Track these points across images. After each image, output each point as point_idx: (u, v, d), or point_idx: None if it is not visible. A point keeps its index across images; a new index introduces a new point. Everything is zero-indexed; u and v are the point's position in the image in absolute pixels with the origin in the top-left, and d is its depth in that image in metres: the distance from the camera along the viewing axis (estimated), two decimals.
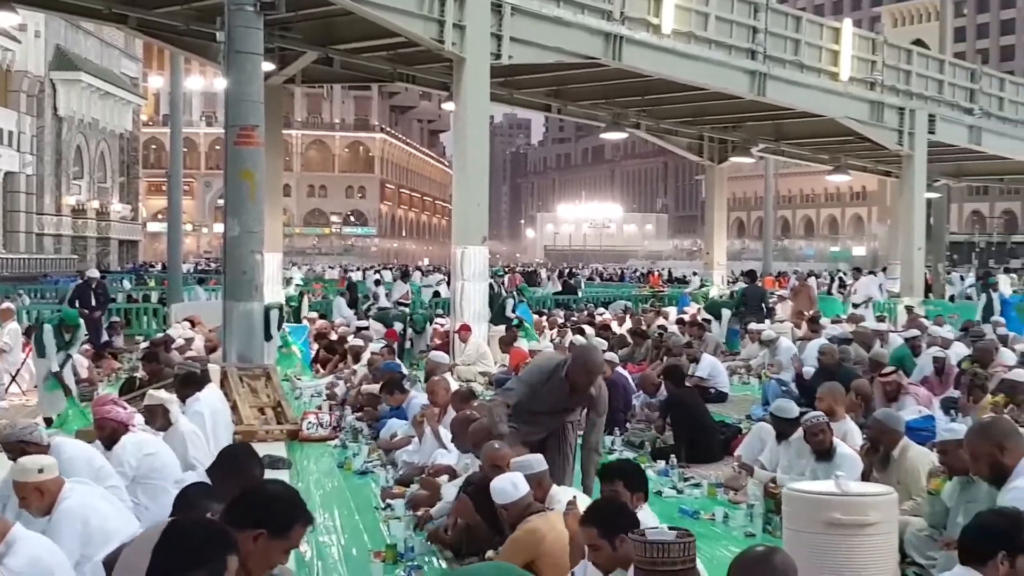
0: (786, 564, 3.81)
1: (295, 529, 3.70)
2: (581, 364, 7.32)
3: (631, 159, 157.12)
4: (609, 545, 4.59)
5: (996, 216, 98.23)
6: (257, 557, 3.58)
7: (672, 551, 4.01)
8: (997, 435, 5.07)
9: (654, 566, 4.02)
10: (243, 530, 3.57)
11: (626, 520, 4.67)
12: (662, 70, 21.52)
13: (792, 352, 16.90)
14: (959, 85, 28.25)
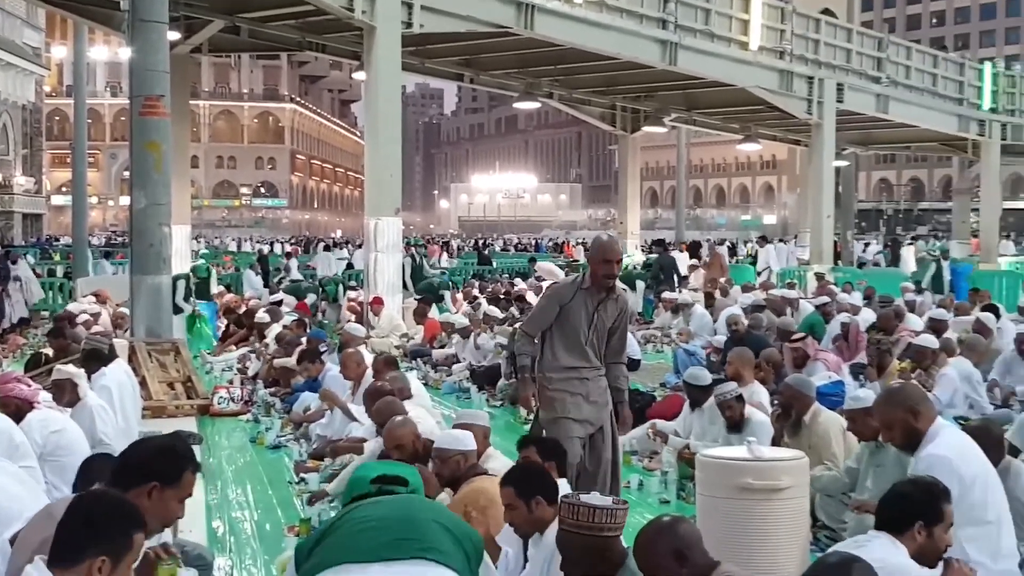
0: (689, 533, 3.83)
1: (185, 476, 3.78)
2: (598, 248, 6.80)
3: (545, 129, 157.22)
4: (525, 506, 4.64)
5: (903, 184, 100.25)
6: (154, 511, 3.60)
7: (597, 516, 3.97)
8: (908, 401, 5.10)
9: (579, 529, 3.99)
10: (135, 487, 3.63)
11: (544, 483, 4.74)
12: (574, 39, 21.50)
13: (706, 319, 17.08)
14: (867, 54, 28.62)
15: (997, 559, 4.92)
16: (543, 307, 6.91)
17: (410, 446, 6.33)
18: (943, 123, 31.64)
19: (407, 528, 3.38)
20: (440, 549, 3.29)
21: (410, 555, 3.24)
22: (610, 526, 3.97)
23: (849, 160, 38.07)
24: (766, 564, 4.87)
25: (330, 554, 3.27)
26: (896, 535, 4.12)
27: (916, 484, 4.35)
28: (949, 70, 31.85)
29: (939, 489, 4.27)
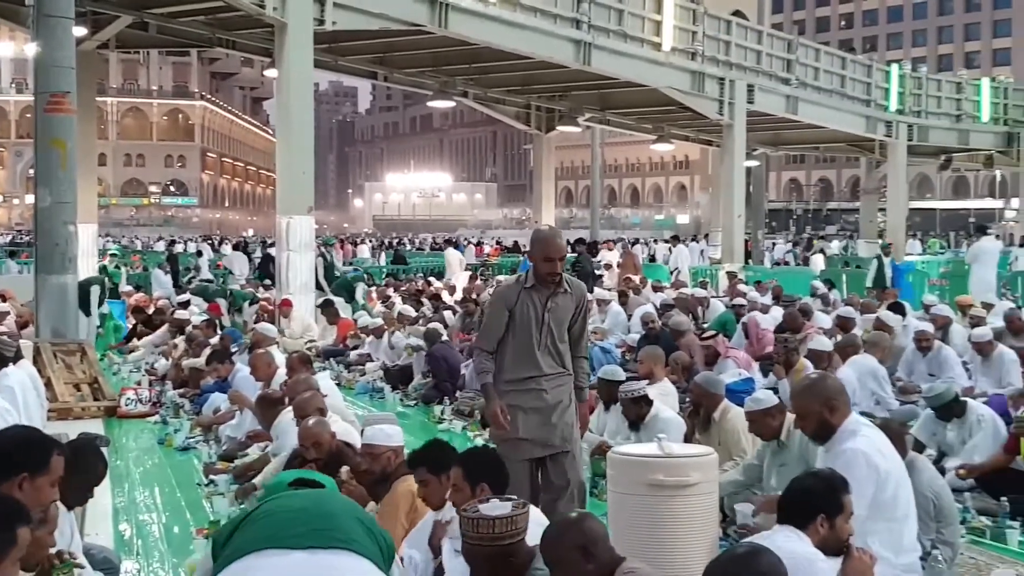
0: (594, 529, 3.86)
1: (53, 460, 3.81)
2: (538, 245, 6.11)
3: (460, 128, 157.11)
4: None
5: (812, 184, 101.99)
6: (29, 500, 3.60)
7: (498, 526, 3.93)
8: (825, 394, 5.19)
9: (481, 541, 3.95)
10: (5, 481, 3.66)
11: (493, 470, 4.86)
12: (488, 38, 21.51)
13: (620, 317, 17.18)
14: (776, 56, 29.04)
15: (900, 553, 5.03)
16: (491, 315, 6.30)
17: (327, 444, 6.29)
18: (851, 124, 32.21)
19: (326, 519, 3.33)
20: (360, 542, 3.28)
21: (331, 544, 3.22)
22: (511, 533, 3.95)
23: (760, 160, 38.62)
24: (676, 559, 4.91)
25: (249, 541, 3.23)
26: (800, 528, 4.20)
27: (816, 477, 4.43)
28: (857, 72, 32.44)
29: (838, 481, 4.37)
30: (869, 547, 4.73)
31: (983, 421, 8.01)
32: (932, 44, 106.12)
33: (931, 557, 5.15)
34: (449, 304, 18.38)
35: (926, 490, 5.66)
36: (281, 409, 7.85)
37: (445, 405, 11.41)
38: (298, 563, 3.11)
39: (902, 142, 33.23)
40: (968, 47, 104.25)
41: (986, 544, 6.67)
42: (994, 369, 10.78)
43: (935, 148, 36.57)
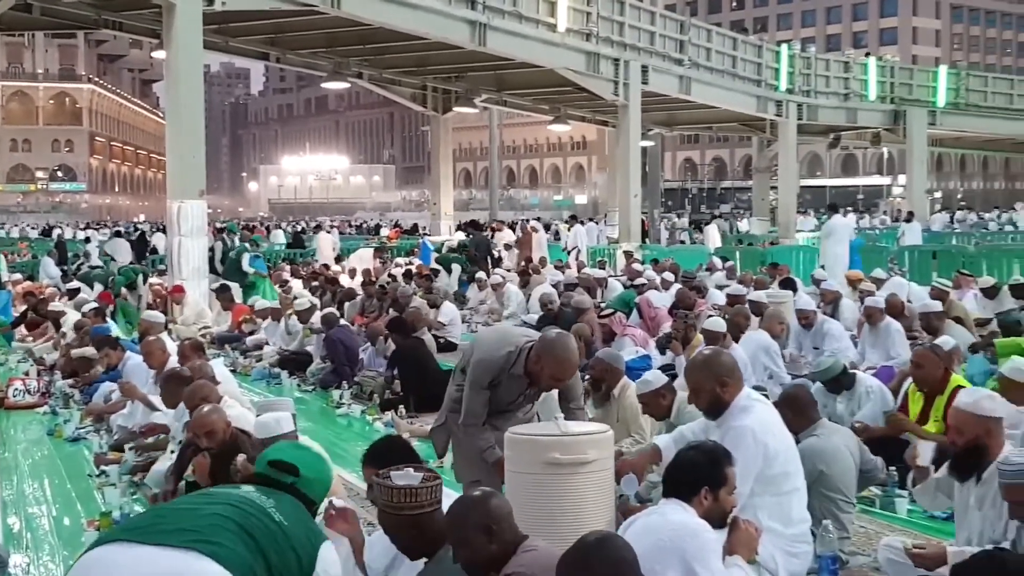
0: (499, 507, 3.86)
1: None
2: (552, 361, 5.61)
3: (356, 110, 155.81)
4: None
5: (707, 163, 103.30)
6: None
7: (396, 495, 3.93)
8: (718, 370, 5.26)
9: (388, 508, 3.96)
10: None
11: (404, 454, 4.74)
12: (382, 18, 21.34)
13: (519, 298, 17.23)
14: (670, 36, 29.29)
15: (789, 525, 5.14)
16: (472, 397, 5.93)
17: (221, 433, 6.17)
18: (743, 104, 32.67)
19: (192, 519, 3.31)
20: (222, 544, 3.22)
21: (185, 544, 3.17)
22: (412, 504, 3.93)
23: (655, 140, 38.98)
24: (574, 537, 4.92)
25: (112, 531, 3.20)
26: (684, 500, 4.28)
27: (699, 450, 4.49)
28: (748, 52, 32.87)
29: (721, 453, 4.44)
30: (758, 520, 4.82)
31: (872, 392, 8.19)
32: (821, 24, 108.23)
33: (822, 527, 5.25)
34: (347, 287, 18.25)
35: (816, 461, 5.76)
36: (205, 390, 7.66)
37: (344, 389, 11.32)
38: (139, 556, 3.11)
39: (792, 121, 33.79)
40: (856, 27, 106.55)
41: (875, 513, 6.83)
42: (882, 340, 11.04)
43: (824, 127, 37.28)
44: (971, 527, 4.98)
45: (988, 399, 5.00)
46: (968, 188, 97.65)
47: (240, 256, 19.99)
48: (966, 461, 4.97)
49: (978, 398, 4.98)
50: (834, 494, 5.80)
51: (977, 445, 4.91)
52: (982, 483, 4.93)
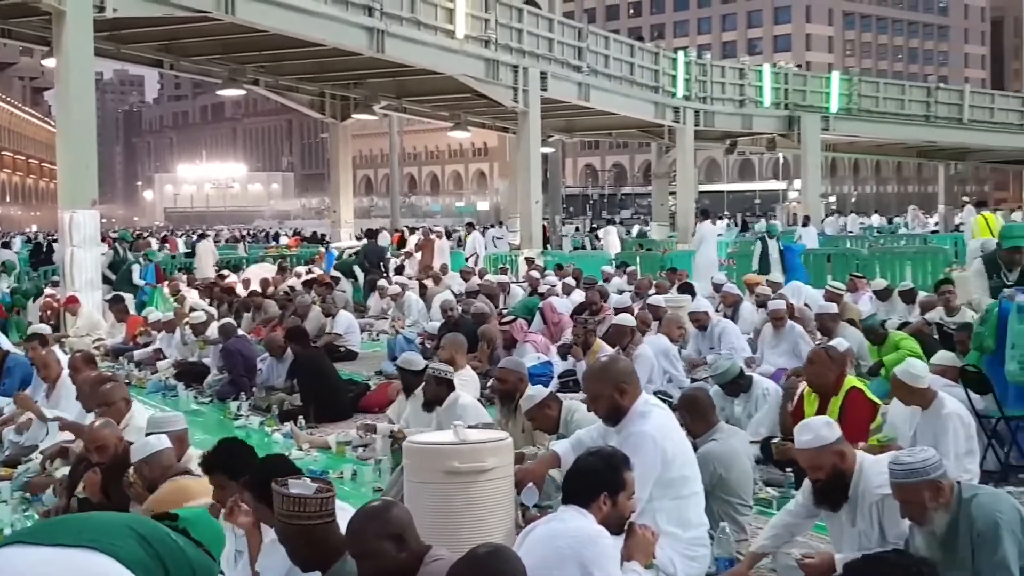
0: (401, 516, 3.81)
1: None
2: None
3: (253, 117, 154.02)
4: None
5: (607, 169, 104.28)
6: None
7: (287, 503, 3.91)
8: (616, 377, 5.27)
9: (290, 519, 3.92)
10: None
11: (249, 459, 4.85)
12: (278, 25, 21.13)
13: (420, 305, 17.14)
14: (568, 43, 29.47)
15: (687, 528, 5.19)
16: None
17: (112, 448, 6.03)
18: (641, 110, 33.01)
19: (89, 523, 3.29)
20: (120, 545, 3.19)
21: (80, 544, 3.14)
22: (303, 514, 3.89)
23: (555, 147, 39.19)
24: (475, 543, 4.90)
25: (9, 537, 3.17)
26: (583, 506, 4.29)
27: (598, 456, 4.50)
28: (645, 59, 33.25)
29: (620, 459, 4.45)
30: (657, 524, 4.85)
31: (768, 395, 8.32)
32: (716, 31, 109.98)
33: (719, 529, 5.30)
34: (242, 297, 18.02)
35: (715, 465, 5.82)
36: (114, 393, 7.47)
37: (241, 401, 11.13)
38: (34, 557, 3.07)
39: (689, 127, 34.23)
40: (751, 34, 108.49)
41: (772, 514, 6.90)
42: (784, 343, 11.22)
43: (721, 132, 37.85)
44: (850, 545, 5.06)
45: (825, 427, 5.05)
46: (862, 192, 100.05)
47: (131, 269, 19.62)
48: (833, 492, 5.02)
49: (816, 432, 4.99)
50: (732, 498, 5.87)
51: (836, 473, 4.98)
52: (850, 501, 5.02)
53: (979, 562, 4.46)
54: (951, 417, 6.62)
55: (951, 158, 48.26)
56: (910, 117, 39.25)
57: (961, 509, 4.52)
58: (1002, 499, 4.65)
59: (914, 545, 4.74)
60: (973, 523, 4.47)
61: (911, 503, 4.55)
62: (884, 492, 4.84)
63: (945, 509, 4.52)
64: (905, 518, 4.70)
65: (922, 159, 50.95)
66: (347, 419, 10.40)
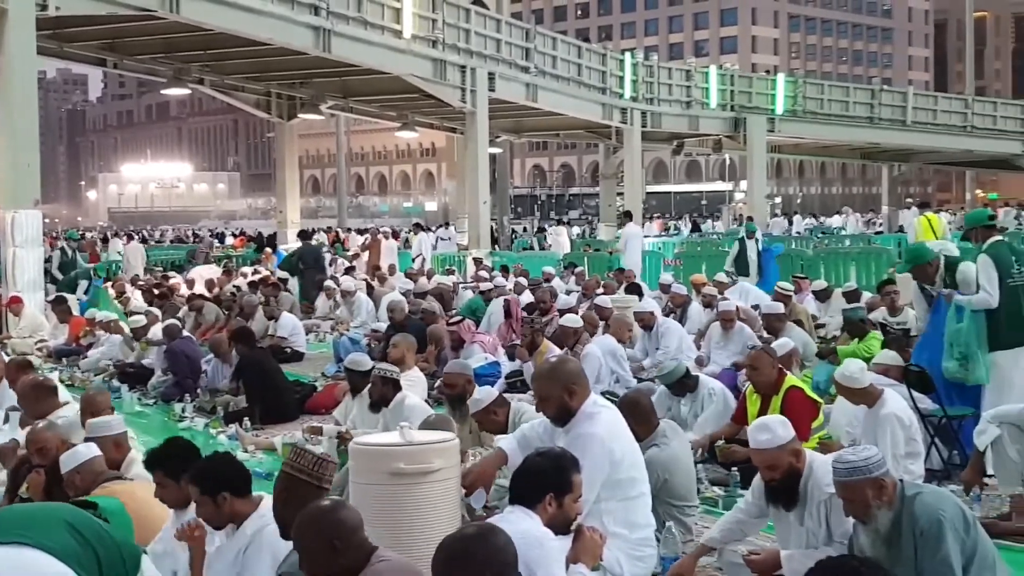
0: (348, 519, 3.78)
1: None
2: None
3: (199, 116, 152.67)
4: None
5: (555, 170, 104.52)
6: None
7: (327, 468, 4.41)
8: (565, 378, 5.26)
9: (313, 478, 4.38)
10: None
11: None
12: (223, 24, 20.94)
13: (369, 307, 17.08)
14: (516, 44, 29.47)
15: (634, 529, 5.20)
16: None
17: (54, 450, 5.95)
18: (588, 111, 33.10)
19: (21, 517, 3.40)
20: (50, 537, 3.24)
21: (9, 541, 3.19)
22: (298, 466, 4.32)
23: (503, 147, 39.20)
24: (420, 546, 4.88)
25: None
26: (529, 508, 4.28)
27: (546, 457, 4.50)
28: (592, 60, 33.33)
29: (568, 460, 4.45)
30: (605, 525, 4.86)
31: (714, 395, 8.38)
32: (664, 33, 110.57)
33: (666, 529, 5.32)
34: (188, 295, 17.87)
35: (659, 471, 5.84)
36: (55, 400, 7.38)
37: (186, 402, 11.04)
38: None
39: (636, 128, 34.36)
40: (697, 36, 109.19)
41: (718, 513, 6.94)
42: (732, 343, 11.30)
43: (668, 134, 38.04)
44: (797, 543, 5.11)
45: (780, 426, 5.09)
46: (807, 193, 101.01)
47: (76, 281, 19.43)
48: (788, 491, 5.06)
49: (772, 432, 5.03)
50: (677, 500, 5.91)
51: (792, 472, 5.03)
52: (799, 499, 5.06)
53: (922, 560, 4.50)
54: (889, 418, 6.71)
55: (895, 159, 48.85)
56: (854, 119, 39.65)
57: (904, 507, 4.56)
58: (945, 498, 4.70)
59: (858, 543, 4.78)
60: (916, 521, 4.51)
61: (854, 501, 4.59)
62: (832, 491, 4.89)
63: (888, 507, 4.56)
64: (849, 516, 4.74)
65: (866, 160, 51.53)
66: (293, 421, 10.34)
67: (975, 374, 7.80)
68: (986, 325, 7.83)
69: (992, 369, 7.84)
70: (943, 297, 8.22)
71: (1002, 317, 7.81)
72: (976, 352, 7.79)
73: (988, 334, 7.84)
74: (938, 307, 8.32)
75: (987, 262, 7.86)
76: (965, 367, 7.81)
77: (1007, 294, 7.81)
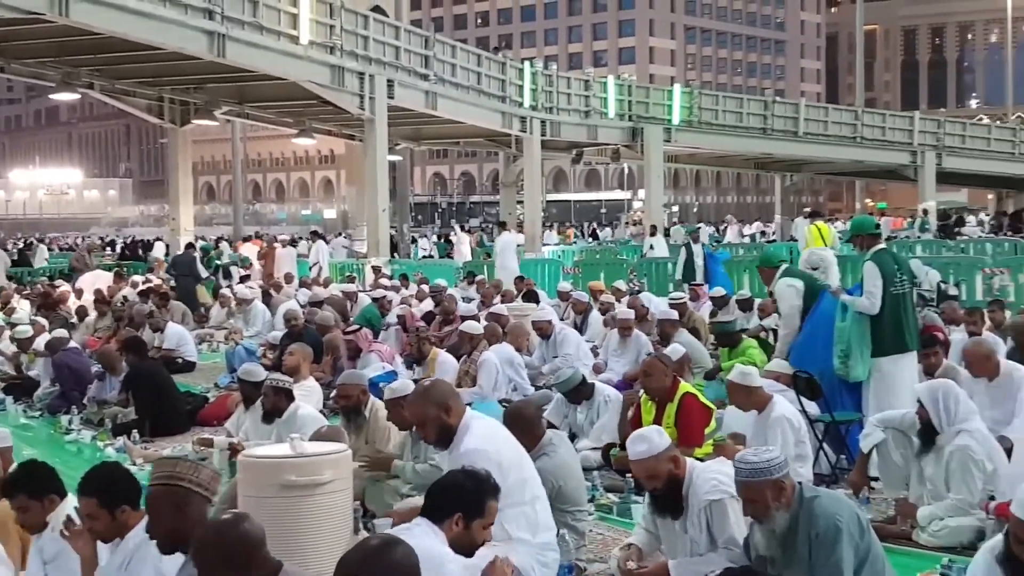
0: (250, 535, 3.67)
1: None
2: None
3: (90, 121, 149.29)
4: (109, 515, 4.46)
5: (456, 178, 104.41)
6: None
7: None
8: (440, 398, 5.21)
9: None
10: None
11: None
12: (113, 27, 20.48)
13: (266, 316, 16.84)
14: (415, 51, 29.32)
15: (536, 533, 5.17)
16: None
17: None
18: (488, 120, 33.09)
19: None
20: None
21: None
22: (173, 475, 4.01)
23: (403, 155, 38.99)
24: (312, 560, 4.82)
25: None
26: (436, 523, 4.20)
27: (469, 476, 4.38)
28: (492, 69, 33.32)
29: (488, 485, 4.34)
30: (507, 532, 4.83)
31: (610, 402, 8.42)
32: (563, 43, 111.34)
33: (559, 537, 5.31)
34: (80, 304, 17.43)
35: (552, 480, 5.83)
36: None
37: (73, 414, 10.75)
38: None
39: (536, 137, 34.44)
40: (596, 46, 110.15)
41: (612, 520, 6.98)
42: (629, 351, 11.37)
43: (567, 143, 38.19)
44: (683, 551, 5.15)
45: (657, 435, 5.16)
46: (703, 202, 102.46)
47: None
48: (670, 499, 5.13)
49: (650, 442, 5.09)
50: (569, 506, 5.89)
51: (672, 480, 5.09)
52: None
53: (815, 562, 4.56)
54: (779, 420, 6.83)
55: (787, 169, 49.70)
56: (748, 129, 40.24)
57: (802, 510, 4.63)
58: (842, 503, 4.78)
59: (753, 542, 4.83)
60: (813, 524, 4.58)
61: (755, 502, 4.64)
62: (711, 498, 4.94)
63: (786, 509, 4.62)
64: (747, 515, 4.79)
65: (760, 170, 52.33)
66: (184, 432, 10.14)
67: (854, 371, 8.05)
68: (870, 330, 8.05)
69: (875, 373, 8.07)
70: (831, 293, 8.45)
71: (885, 324, 8.06)
72: (857, 351, 8.03)
73: (872, 339, 8.07)
74: (818, 304, 8.57)
75: (873, 269, 8.08)
76: (846, 364, 8.06)
77: (890, 302, 8.05)
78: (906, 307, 8.22)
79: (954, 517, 6.05)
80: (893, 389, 7.97)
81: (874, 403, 7.94)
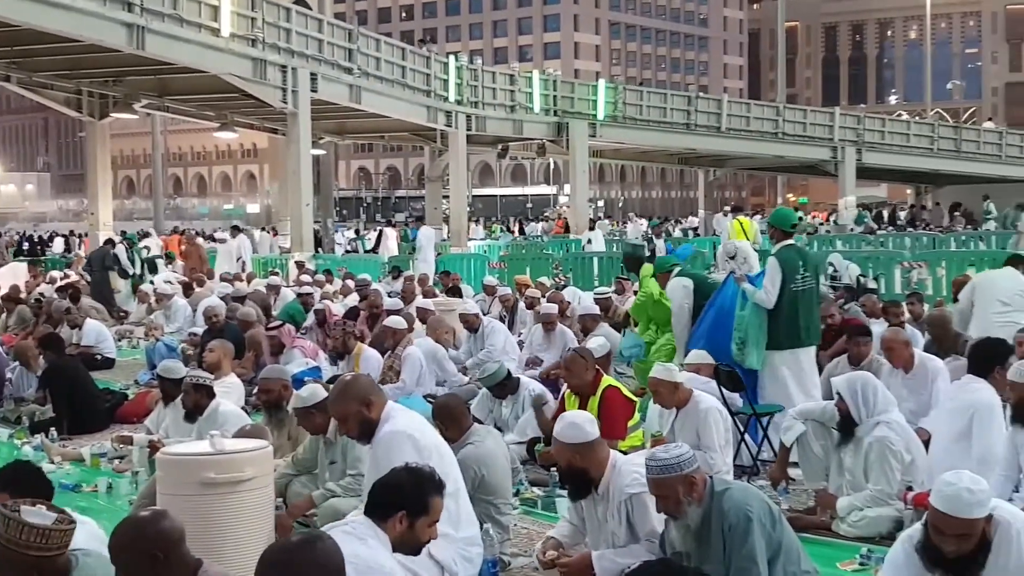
0: (167, 532, 3.60)
1: None
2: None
3: (7, 114, 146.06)
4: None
5: (381, 172, 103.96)
6: None
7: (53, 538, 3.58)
8: (361, 392, 5.16)
9: (23, 549, 3.54)
10: None
11: (39, 485, 4.46)
12: (28, 19, 20.06)
13: (187, 312, 16.63)
14: (338, 45, 29.09)
15: (459, 527, 5.14)
16: None
17: None
18: (413, 114, 32.96)
19: None
20: None
21: None
22: (42, 546, 3.57)
23: (327, 149, 38.71)
24: (232, 558, 4.77)
25: None
26: (379, 522, 4.13)
27: (411, 473, 4.32)
28: (417, 63, 33.19)
29: (431, 482, 4.28)
30: None
31: (534, 396, 8.42)
32: (488, 37, 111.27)
33: (483, 531, 5.30)
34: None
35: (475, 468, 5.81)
36: None
37: None
38: None
39: (461, 131, 34.40)
40: (521, 40, 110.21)
41: (537, 514, 6.99)
42: (554, 346, 11.41)
43: (493, 137, 38.19)
44: (605, 543, 5.19)
45: (570, 427, 5.20)
46: (628, 197, 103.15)
47: None
48: (571, 483, 5.22)
49: (563, 428, 5.18)
50: (493, 497, 5.88)
51: (572, 468, 5.14)
52: (601, 499, 5.17)
53: (730, 554, 4.61)
54: (711, 411, 6.92)
55: (711, 165, 50.17)
56: (672, 125, 40.51)
57: (714, 503, 4.67)
58: (752, 494, 4.83)
59: (669, 538, 4.87)
60: (725, 517, 4.63)
61: (666, 497, 4.67)
62: (632, 491, 4.97)
63: (698, 503, 4.66)
64: (660, 512, 4.82)
65: (684, 165, 52.80)
66: (103, 430, 9.97)
67: (749, 359, 8.28)
68: (767, 323, 8.31)
69: (769, 366, 8.33)
70: (735, 279, 8.60)
71: (781, 320, 8.30)
72: (752, 340, 8.27)
73: (769, 332, 8.32)
74: (721, 290, 8.75)
75: (774, 265, 8.31)
76: (743, 351, 8.29)
77: (787, 299, 8.28)
78: (807, 303, 8.43)
79: (873, 507, 6.15)
80: (784, 382, 8.28)
81: (765, 393, 8.27)
